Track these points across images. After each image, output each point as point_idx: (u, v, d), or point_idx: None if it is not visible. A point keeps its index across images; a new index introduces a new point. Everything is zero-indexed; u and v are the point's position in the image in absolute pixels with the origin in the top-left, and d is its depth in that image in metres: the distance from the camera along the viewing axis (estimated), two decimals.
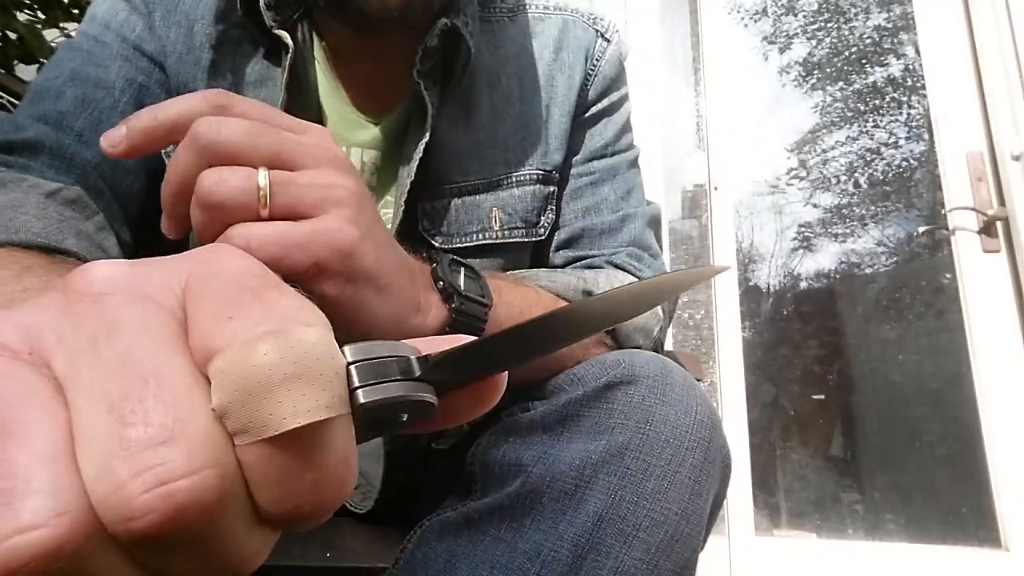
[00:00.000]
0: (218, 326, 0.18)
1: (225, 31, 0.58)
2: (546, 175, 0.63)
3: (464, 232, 0.60)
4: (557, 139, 0.64)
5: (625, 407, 0.41)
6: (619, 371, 0.43)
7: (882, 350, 1.92)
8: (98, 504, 0.16)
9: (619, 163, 0.68)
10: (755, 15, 2.17)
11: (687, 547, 0.39)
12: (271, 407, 0.17)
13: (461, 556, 0.41)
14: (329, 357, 0.18)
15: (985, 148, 1.65)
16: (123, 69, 0.56)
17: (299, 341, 0.17)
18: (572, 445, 0.41)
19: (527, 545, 0.39)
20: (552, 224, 0.64)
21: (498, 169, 0.62)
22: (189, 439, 0.16)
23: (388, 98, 0.60)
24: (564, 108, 0.65)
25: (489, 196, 0.61)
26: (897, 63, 2.03)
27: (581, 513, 0.39)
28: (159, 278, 0.19)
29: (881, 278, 1.99)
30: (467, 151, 0.61)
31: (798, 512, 1.82)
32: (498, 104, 0.63)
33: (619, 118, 0.70)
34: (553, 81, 0.65)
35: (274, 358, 0.17)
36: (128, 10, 0.58)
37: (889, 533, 1.75)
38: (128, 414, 0.16)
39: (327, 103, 0.60)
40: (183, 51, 0.58)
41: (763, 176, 2.07)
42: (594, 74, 0.67)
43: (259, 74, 0.59)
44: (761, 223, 2.09)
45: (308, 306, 0.19)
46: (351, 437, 0.19)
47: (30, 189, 0.48)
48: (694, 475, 0.40)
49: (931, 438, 1.79)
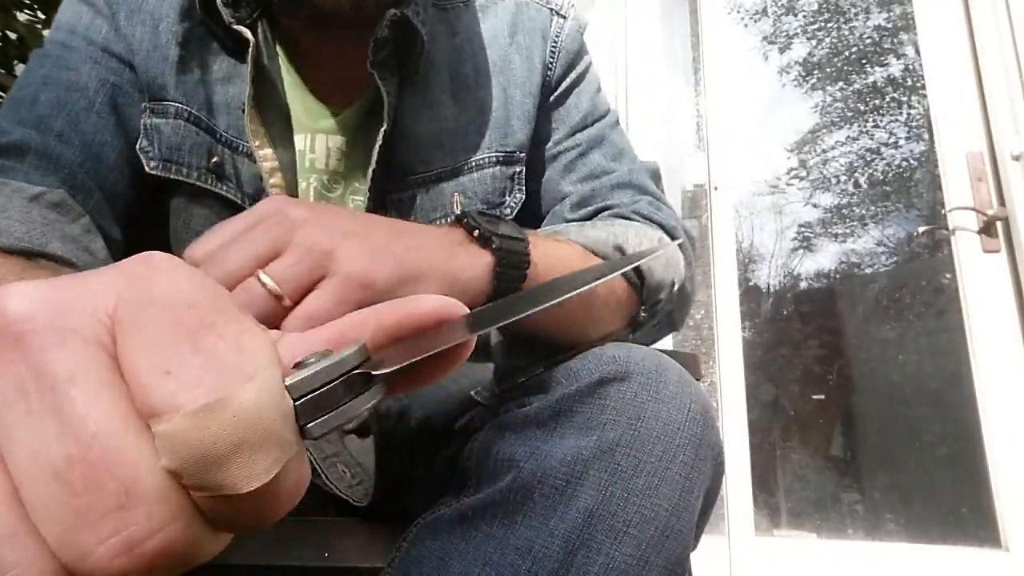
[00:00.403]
0: (155, 381, 0.17)
1: (190, 29, 0.59)
2: (507, 156, 0.65)
3: (428, 220, 0.62)
4: (520, 119, 0.65)
5: (617, 403, 0.41)
6: (613, 367, 0.43)
7: (882, 350, 1.92)
8: (68, 565, 0.15)
9: (602, 129, 0.69)
10: (755, 15, 2.17)
11: (678, 543, 0.39)
12: (223, 475, 0.17)
13: (454, 553, 0.41)
14: (274, 407, 0.18)
15: (985, 148, 1.65)
16: (94, 71, 0.57)
17: (241, 407, 0.17)
18: (564, 441, 0.41)
19: (518, 541, 0.39)
20: (520, 203, 0.65)
21: (459, 156, 0.63)
22: (146, 500, 0.16)
23: (349, 89, 0.62)
24: (525, 89, 0.66)
25: (451, 183, 0.63)
26: (897, 63, 2.03)
27: (572, 509, 0.39)
28: (85, 303, 0.18)
29: (881, 278, 1.98)
30: (429, 141, 0.62)
31: (798, 512, 1.82)
32: (458, 92, 0.64)
33: (589, 86, 0.71)
34: (510, 64, 0.66)
35: (217, 432, 0.16)
36: (92, 14, 0.59)
37: (889, 533, 1.75)
38: (77, 481, 0.15)
39: (291, 95, 0.61)
40: (150, 48, 0.58)
41: (763, 176, 2.07)
42: (556, 52, 0.68)
43: (225, 71, 0.60)
44: (761, 223, 2.09)
45: (251, 344, 0.18)
46: (304, 463, 0.19)
47: (13, 194, 0.48)
48: (685, 472, 0.40)
49: (931, 438, 1.79)
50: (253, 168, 0.58)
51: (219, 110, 0.59)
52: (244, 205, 0.58)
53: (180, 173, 0.58)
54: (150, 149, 0.57)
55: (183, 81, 0.59)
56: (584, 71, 0.71)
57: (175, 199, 0.59)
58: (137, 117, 0.58)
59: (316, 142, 0.61)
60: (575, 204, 0.66)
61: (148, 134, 0.58)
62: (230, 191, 0.58)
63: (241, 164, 0.59)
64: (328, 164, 0.61)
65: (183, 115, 0.58)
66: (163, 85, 0.58)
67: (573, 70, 0.69)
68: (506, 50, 0.67)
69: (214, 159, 0.58)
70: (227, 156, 0.59)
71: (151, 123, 0.58)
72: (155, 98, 0.58)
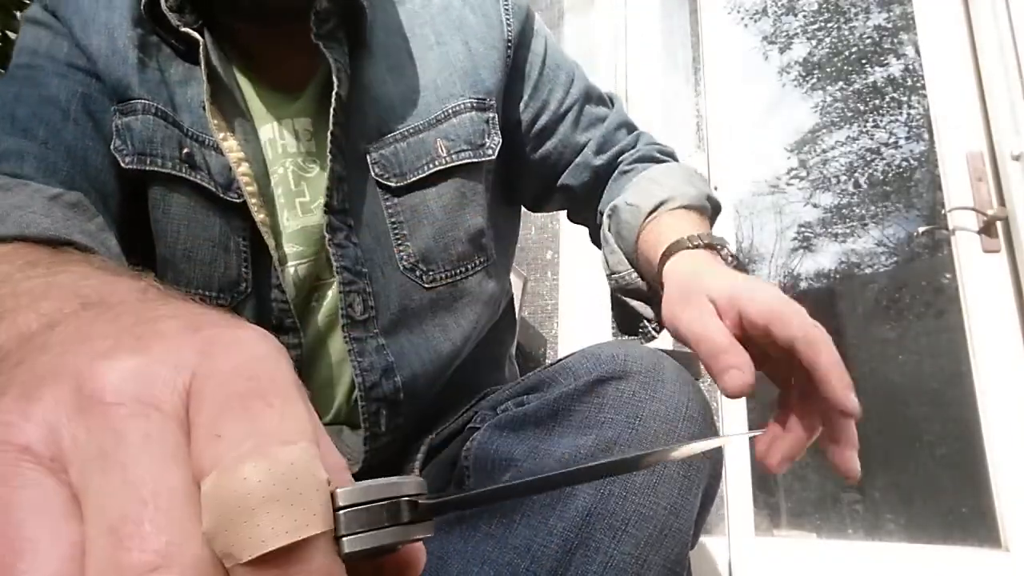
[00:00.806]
0: (209, 445, 0.18)
1: (143, 35, 0.61)
2: (480, 102, 0.67)
3: (416, 167, 0.64)
4: (487, 69, 0.69)
5: (616, 402, 0.41)
6: (611, 366, 0.43)
7: (882, 350, 1.92)
8: None
9: (581, 79, 0.77)
10: (755, 15, 2.17)
11: (677, 542, 0.39)
12: (251, 530, 0.17)
13: (453, 552, 0.42)
14: (310, 475, 0.18)
15: (985, 148, 1.65)
16: (63, 83, 0.59)
17: (276, 461, 0.18)
18: (562, 440, 0.41)
19: (517, 540, 0.39)
20: (498, 146, 0.68)
21: (433, 108, 0.66)
22: (182, 566, 0.17)
23: (304, 71, 0.63)
24: (487, 42, 0.69)
25: (432, 132, 0.65)
26: (897, 63, 2.03)
27: (570, 508, 0.39)
28: (165, 376, 0.19)
29: (881, 278, 1.98)
30: (400, 100, 0.65)
31: (798, 512, 1.82)
32: (418, 52, 0.67)
33: (551, 40, 0.77)
34: (465, 20, 0.70)
35: (253, 481, 0.17)
36: (51, 35, 0.61)
37: (889, 533, 1.75)
38: (126, 538, 0.17)
39: (248, 89, 0.63)
40: (108, 54, 0.60)
41: (763, 176, 2.07)
42: (508, 8, 0.72)
43: (182, 74, 0.61)
44: (761, 223, 2.09)
45: (295, 416, 0.19)
46: (333, 554, 0.19)
47: (34, 193, 0.50)
48: (683, 470, 0.40)
49: (931, 438, 1.79)
50: (222, 160, 0.60)
51: (182, 109, 0.61)
52: (218, 193, 0.59)
53: (155, 164, 0.59)
54: (124, 147, 0.59)
55: (146, 80, 0.60)
56: (541, 27, 0.76)
57: (152, 190, 0.60)
58: (110, 122, 0.60)
59: (284, 128, 0.63)
60: (596, 150, 0.74)
61: (120, 134, 0.59)
62: (203, 179, 0.60)
63: (210, 157, 0.60)
64: (300, 147, 0.63)
65: (151, 110, 0.60)
66: (128, 85, 0.60)
67: (530, 25, 0.74)
68: (460, 11, 0.70)
69: (185, 150, 0.60)
70: (196, 148, 0.61)
71: (122, 123, 0.59)
72: (122, 99, 0.60)
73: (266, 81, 0.64)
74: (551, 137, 0.73)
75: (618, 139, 0.76)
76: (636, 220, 0.64)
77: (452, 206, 0.65)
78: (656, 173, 0.69)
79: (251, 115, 0.62)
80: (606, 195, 0.74)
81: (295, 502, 0.18)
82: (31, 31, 0.62)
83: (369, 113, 0.63)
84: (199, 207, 0.59)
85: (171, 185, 0.60)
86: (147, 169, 0.59)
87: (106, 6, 0.62)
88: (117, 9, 0.61)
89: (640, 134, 0.79)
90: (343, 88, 0.60)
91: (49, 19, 0.62)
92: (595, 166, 0.74)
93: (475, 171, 0.67)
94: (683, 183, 0.66)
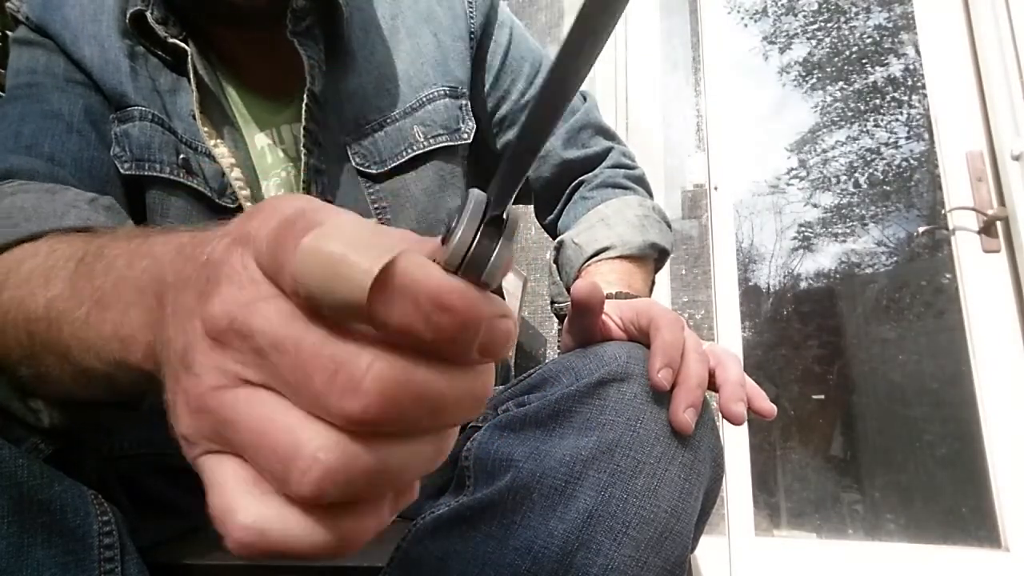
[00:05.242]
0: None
1: (132, 46, 0.62)
2: (452, 90, 0.70)
3: (395, 153, 0.66)
4: (455, 60, 0.71)
5: (617, 404, 0.41)
6: (613, 367, 0.43)
7: (882, 350, 1.92)
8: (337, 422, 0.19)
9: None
10: (755, 15, 2.17)
11: (678, 544, 0.39)
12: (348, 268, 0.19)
13: (453, 553, 0.41)
14: (383, 231, 0.21)
15: (985, 148, 1.64)
16: (64, 97, 0.61)
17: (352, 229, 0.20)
18: (563, 441, 0.41)
19: (518, 542, 0.39)
20: (472, 131, 0.71)
21: (408, 97, 0.68)
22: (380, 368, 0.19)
23: (293, 78, 0.64)
24: (454, 34, 0.71)
25: (408, 120, 0.67)
26: (897, 63, 2.02)
27: (571, 510, 0.39)
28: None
29: (881, 278, 1.98)
30: (375, 91, 0.67)
31: (798, 512, 1.82)
32: (393, 44, 0.69)
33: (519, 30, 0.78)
34: (433, 12, 0.72)
35: (342, 236, 0.19)
36: (46, 53, 0.63)
37: (889, 533, 1.75)
38: (336, 386, 0.19)
39: (235, 99, 0.65)
40: (102, 64, 0.61)
41: (763, 176, 2.07)
42: (472, 2, 0.73)
43: (171, 84, 0.63)
44: (761, 223, 2.09)
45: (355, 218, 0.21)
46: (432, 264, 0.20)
47: (77, 196, 0.53)
48: (684, 473, 0.40)
49: (931, 438, 1.79)
50: (215, 166, 0.61)
51: (174, 117, 0.62)
52: (213, 199, 0.61)
53: (154, 169, 0.61)
54: (123, 153, 0.60)
55: (140, 88, 0.62)
56: (507, 18, 0.77)
57: (151, 195, 0.61)
58: (111, 131, 0.61)
59: (282, 133, 0.65)
60: (565, 142, 0.76)
61: (119, 141, 0.60)
62: (199, 184, 0.61)
63: (204, 163, 0.62)
64: (296, 152, 0.64)
65: (147, 116, 0.61)
66: (124, 93, 0.61)
67: (494, 16, 0.75)
68: (428, 3, 0.73)
69: (182, 156, 0.61)
70: (191, 154, 0.62)
71: (120, 130, 0.61)
72: (119, 107, 0.61)
73: (257, 89, 0.65)
74: (512, 127, 0.75)
75: (584, 140, 0.77)
76: (577, 261, 0.68)
77: (433, 189, 0.67)
78: (610, 211, 0.71)
79: (240, 123, 0.64)
80: (564, 217, 0.77)
81: (379, 239, 0.19)
82: (26, 52, 0.63)
83: (347, 107, 0.65)
84: (196, 212, 0.61)
85: (169, 190, 0.61)
86: (145, 174, 0.60)
87: (93, 19, 0.62)
88: (104, 22, 0.62)
89: (612, 148, 0.79)
90: (317, 85, 0.61)
91: (40, 39, 0.63)
92: (563, 157, 0.76)
93: (452, 155, 0.69)
94: (631, 229, 0.68)
